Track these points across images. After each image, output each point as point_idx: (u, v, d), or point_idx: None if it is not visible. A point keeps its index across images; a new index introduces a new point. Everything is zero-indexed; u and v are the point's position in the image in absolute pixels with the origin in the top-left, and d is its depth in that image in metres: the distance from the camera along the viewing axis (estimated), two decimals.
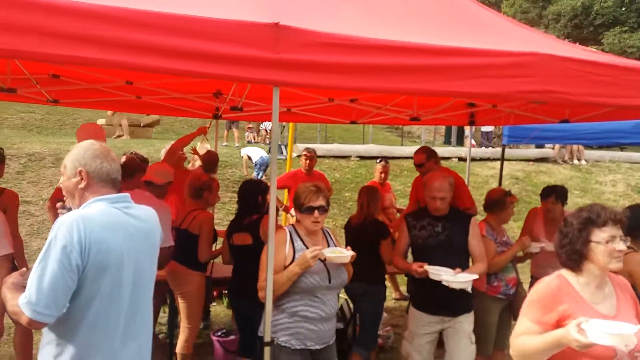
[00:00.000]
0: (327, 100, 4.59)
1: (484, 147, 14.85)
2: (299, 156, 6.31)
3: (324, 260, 2.86)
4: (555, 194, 4.39)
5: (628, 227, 3.53)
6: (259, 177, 10.34)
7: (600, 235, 2.07)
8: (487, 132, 15.45)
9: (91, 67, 3.12)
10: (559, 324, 2.01)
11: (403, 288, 6.36)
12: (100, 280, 1.84)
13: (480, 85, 2.57)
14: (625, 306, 2.13)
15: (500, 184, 6.47)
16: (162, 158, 5.58)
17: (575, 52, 3.02)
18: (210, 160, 5.73)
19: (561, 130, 5.24)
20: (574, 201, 11.59)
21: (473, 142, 16.15)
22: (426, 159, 5.03)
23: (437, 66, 2.50)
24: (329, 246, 3.01)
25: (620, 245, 2.04)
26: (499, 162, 12.22)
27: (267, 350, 2.61)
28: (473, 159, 12.53)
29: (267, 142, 14.26)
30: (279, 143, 12.14)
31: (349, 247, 2.90)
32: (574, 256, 2.11)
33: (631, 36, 24.57)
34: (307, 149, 6.28)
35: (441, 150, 10.89)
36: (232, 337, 4.52)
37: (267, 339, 2.60)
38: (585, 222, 2.10)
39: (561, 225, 2.20)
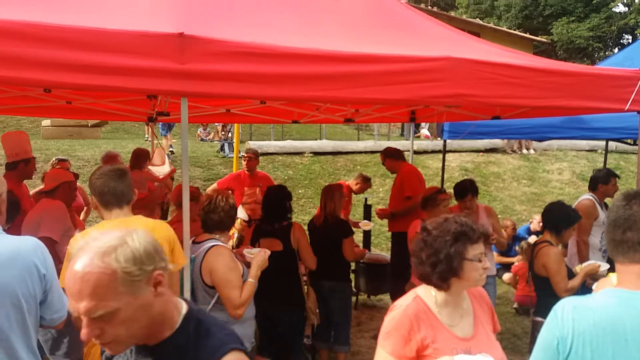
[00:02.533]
0: (260, 102, 4.56)
1: (438, 139, 15.13)
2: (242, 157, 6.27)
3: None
4: (470, 191, 4.55)
5: (546, 222, 3.69)
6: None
7: (473, 252, 1.90)
8: (442, 125, 15.72)
9: None
10: (419, 354, 1.87)
11: None
12: None
13: (392, 91, 2.61)
14: (482, 322, 2.03)
15: (442, 177, 6.59)
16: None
17: (490, 55, 3.10)
18: (137, 156, 5.69)
19: (495, 125, 5.37)
20: (522, 190, 11.96)
21: (427, 133, 16.47)
22: (383, 159, 5.83)
23: (347, 73, 2.53)
24: None
25: (486, 263, 1.93)
26: (449, 154, 12.49)
27: None
28: (425, 152, 12.74)
29: (221, 139, 14.06)
30: (231, 141, 12.03)
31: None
32: (447, 274, 1.90)
33: (578, 26, 25.39)
34: (247, 149, 6.26)
35: (396, 144, 11.03)
36: None
37: None
38: (460, 237, 1.91)
39: (424, 239, 1.98)
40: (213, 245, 2.93)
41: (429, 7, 22.38)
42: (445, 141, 6.49)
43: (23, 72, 2.10)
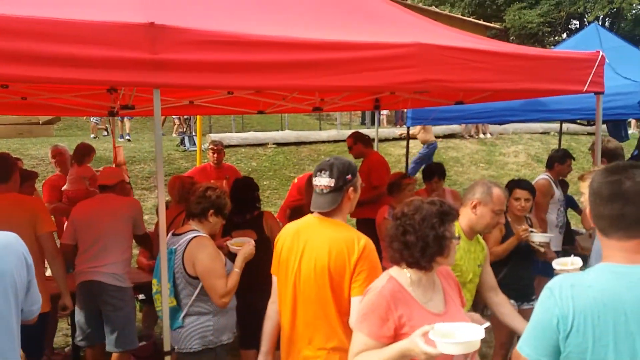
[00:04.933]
0: (227, 93, 4.51)
1: (397, 126, 15.35)
2: (208, 150, 6.17)
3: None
4: (437, 173, 4.67)
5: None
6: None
7: (452, 230, 1.99)
8: (401, 112, 15.94)
9: None
10: (396, 333, 1.89)
11: None
12: None
13: (362, 78, 2.64)
14: (452, 297, 2.10)
15: (407, 163, 6.72)
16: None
17: (455, 41, 3.17)
18: (79, 152, 5.65)
19: (458, 110, 5.49)
20: (481, 174, 12.29)
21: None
22: (353, 142, 5.83)
23: (318, 61, 2.54)
24: None
25: (455, 241, 2.01)
26: (410, 141, 12.67)
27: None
28: (386, 139, 12.89)
29: (179, 133, 13.78)
30: (191, 134, 11.83)
31: None
32: (436, 255, 1.95)
33: (529, 12, 26.12)
34: (213, 141, 6.17)
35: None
36: (142, 343, 4.39)
37: (166, 348, 2.56)
38: (444, 216, 1.97)
39: (408, 223, 1.96)
40: (195, 236, 2.92)
41: None
42: (408, 128, 6.60)
43: None
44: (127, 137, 12.89)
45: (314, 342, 2.28)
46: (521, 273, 3.17)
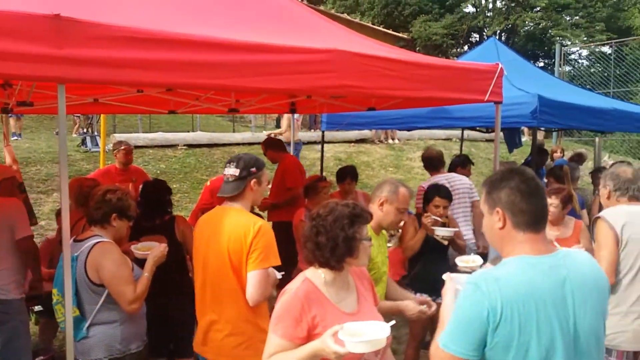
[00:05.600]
0: (136, 91, 4.30)
1: (311, 130, 15.52)
2: (114, 150, 5.85)
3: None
4: (350, 175, 4.84)
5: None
6: None
7: (363, 232, 2.06)
8: (315, 116, 16.15)
9: None
10: (310, 334, 1.94)
11: None
12: None
13: (280, 81, 2.64)
14: (365, 297, 2.17)
15: (322, 166, 6.82)
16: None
17: (370, 49, 3.27)
18: None
19: (370, 116, 5.68)
20: (389, 177, 12.79)
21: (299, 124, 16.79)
22: (265, 149, 5.80)
23: (235, 61, 2.51)
24: None
25: (367, 243, 2.07)
26: (324, 145, 12.88)
27: None
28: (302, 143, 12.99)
29: (80, 132, 12.95)
30: (94, 134, 11.17)
31: None
32: (345, 255, 2.02)
33: (435, 24, 27.64)
34: (120, 142, 5.86)
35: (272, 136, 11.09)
36: (40, 358, 4.07)
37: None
38: (356, 219, 2.04)
39: (321, 224, 2.04)
40: (98, 242, 2.76)
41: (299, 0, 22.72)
42: (323, 132, 6.71)
43: None
44: (15, 137, 11.83)
45: (221, 314, 2.62)
46: (435, 268, 3.36)
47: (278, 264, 2.61)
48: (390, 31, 23.54)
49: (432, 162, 5.30)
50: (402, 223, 3.96)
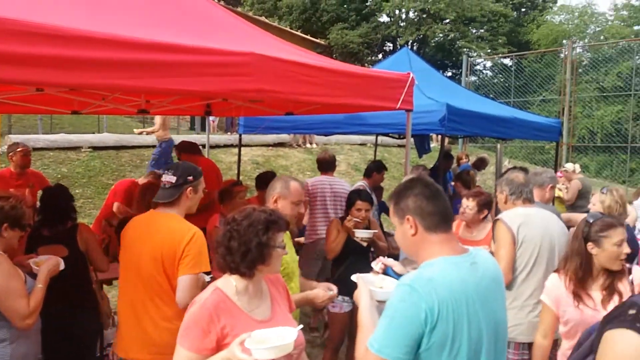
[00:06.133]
0: (35, 90, 3.97)
1: (228, 134, 15.27)
2: (9, 153, 5.37)
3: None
4: (270, 181, 4.79)
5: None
6: None
7: (278, 240, 2.03)
8: (232, 119, 15.88)
9: None
10: (219, 344, 1.91)
11: None
12: None
13: (193, 83, 2.55)
14: (279, 304, 2.16)
15: (238, 170, 6.71)
16: None
17: (289, 54, 3.25)
18: None
19: (289, 121, 5.67)
20: None
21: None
22: (178, 153, 5.60)
23: (144, 61, 2.37)
24: None
25: (280, 251, 2.05)
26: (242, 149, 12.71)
27: None
28: (217, 146, 12.73)
29: None
30: None
31: None
32: (256, 262, 1.99)
33: (351, 32, 28.29)
34: (16, 143, 5.40)
35: (188, 138, 10.71)
36: None
37: None
38: (271, 225, 2.01)
39: (235, 229, 2.01)
40: None
41: (216, 1, 22.28)
42: (240, 135, 6.61)
43: None
44: None
45: (154, 314, 2.66)
46: (357, 270, 3.42)
47: (208, 270, 2.70)
48: (308, 36, 23.74)
49: (322, 164, 5.74)
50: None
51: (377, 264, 3.41)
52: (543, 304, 2.78)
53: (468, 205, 3.94)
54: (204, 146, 12.51)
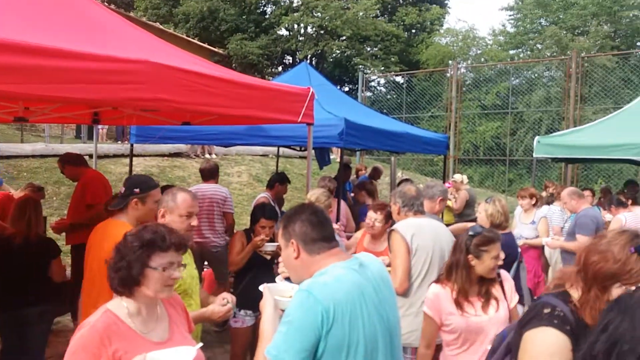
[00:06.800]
0: None
1: (119, 143, 14.44)
2: None
3: None
4: None
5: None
6: None
7: (159, 260, 1.91)
8: (123, 127, 15.04)
9: None
10: None
11: None
12: None
13: (79, 90, 2.38)
14: (178, 325, 2.10)
15: None
16: None
17: (186, 63, 3.13)
18: None
19: (186, 131, 5.48)
20: None
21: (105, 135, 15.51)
22: (62, 166, 5.28)
23: (22, 65, 2.16)
24: None
25: (177, 273, 1.95)
26: (134, 159, 12.08)
27: None
28: (106, 156, 11.99)
29: None
30: None
31: None
32: (128, 281, 1.91)
33: (250, 43, 28.16)
34: None
35: (72, 147, 9.97)
36: None
37: None
38: (148, 244, 1.92)
39: (119, 246, 1.97)
40: None
41: (106, 4, 21.10)
42: (132, 145, 6.26)
43: None
44: None
45: None
46: (260, 283, 3.36)
47: None
48: (205, 45, 23.27)
49: (204, 172, 6.05)
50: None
51: (280, 278, 3.40)
52: (425, 315, 2.89)
53: (377, 218, 4.04)
54: (91, 156, 11.73)
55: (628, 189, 8.08)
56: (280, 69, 30.65)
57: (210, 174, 5.99)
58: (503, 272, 3.00)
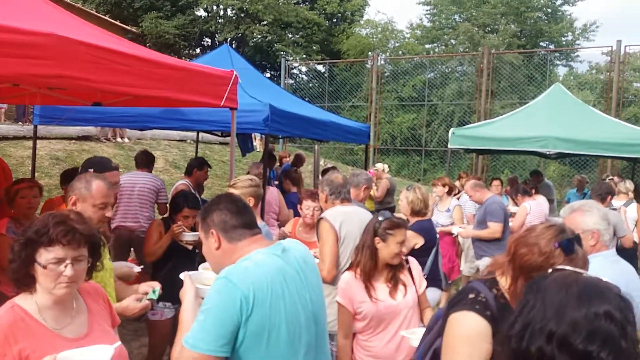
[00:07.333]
0: None
1: (20, 124, 13.27)
2: None
3: None
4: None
5: None
6: None
7: (45, 256, 1.75)
8: (24, 107, 13.84)
9: None
10: None
11: None
12: None
13: None
14: (98, 318, 1.97)
15: (33, 166, 5.82)
16: None
17: (97, 39, 2.88)
18: None
19: (96, 112, 5.10)
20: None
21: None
22: None
23: None
24: None
25: (68, 271, 1.75)
26: (38, 141, 11.17)
27: None
28: (5, 138, 10.98)
29: None
30: None
31: None
32: (24, 278, 1.78)
33: (166, 22, 26.92)
34: None
35: None
36: None
37: None
38: (31, 238, 1.76)
39: (18, 236, 1.83)
40: None
41: None
42: (36, 127, 5.74)
43: None
44: None
45: None
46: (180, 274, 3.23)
47: None
48: (117, 22, 21.92)
49: (140, 160, 5.89)
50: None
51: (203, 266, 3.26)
52: (339, 305, 2.91)
53: (315, 206, 4.02)
54: None
55: (533, 178, 8.69)
56: (198, 50, 29.69)
57: (146, 162, 5.87)
58: (411, 258, 3.08)
